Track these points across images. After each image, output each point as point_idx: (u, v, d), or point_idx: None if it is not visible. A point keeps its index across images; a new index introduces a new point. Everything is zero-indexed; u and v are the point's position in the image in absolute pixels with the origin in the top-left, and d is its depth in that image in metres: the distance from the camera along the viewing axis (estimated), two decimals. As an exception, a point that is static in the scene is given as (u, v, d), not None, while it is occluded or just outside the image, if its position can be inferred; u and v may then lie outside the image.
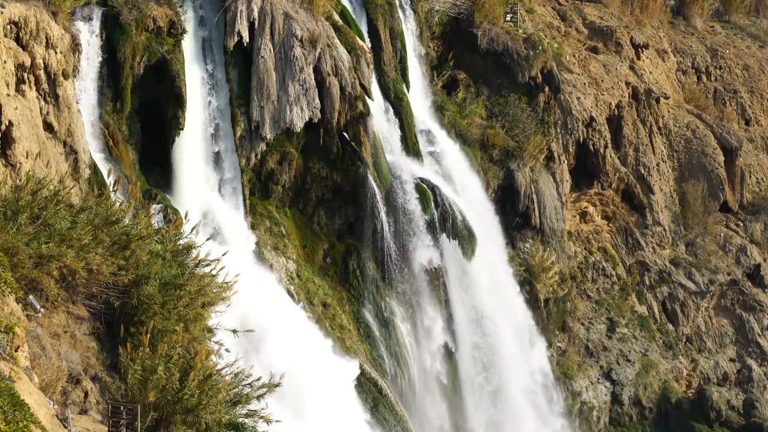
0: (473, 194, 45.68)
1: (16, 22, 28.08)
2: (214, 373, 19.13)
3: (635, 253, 55.94)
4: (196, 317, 20.83)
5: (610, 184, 54.91)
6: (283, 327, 33.34)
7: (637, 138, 56.76)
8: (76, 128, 30.32)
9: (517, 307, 46.30)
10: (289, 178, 39.29)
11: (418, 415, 40.88)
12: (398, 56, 44.62)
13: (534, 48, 49.72)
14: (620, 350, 52.38)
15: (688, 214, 58.40)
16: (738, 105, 66.09)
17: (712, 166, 59.32)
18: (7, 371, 14.94)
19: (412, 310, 41.37)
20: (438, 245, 41.42)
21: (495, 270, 44.91)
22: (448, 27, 49.99)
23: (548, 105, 50.62)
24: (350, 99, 39.23)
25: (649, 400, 52.10)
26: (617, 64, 57.59)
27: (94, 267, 19.81)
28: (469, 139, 47.45)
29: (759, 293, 58.15)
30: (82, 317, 20.15)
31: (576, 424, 49.18)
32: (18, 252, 18.60)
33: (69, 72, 30.32)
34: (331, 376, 34.06)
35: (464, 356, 43.12)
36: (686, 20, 68.80)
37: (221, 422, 18.97)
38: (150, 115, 35.20)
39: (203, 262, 22.22)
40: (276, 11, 38.04)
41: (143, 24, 34.12)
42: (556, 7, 60.64)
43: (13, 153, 26.36)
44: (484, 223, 44.76)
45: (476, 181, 46.59)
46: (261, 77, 37.46)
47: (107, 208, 21.24)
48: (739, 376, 56.20)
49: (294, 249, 38.94)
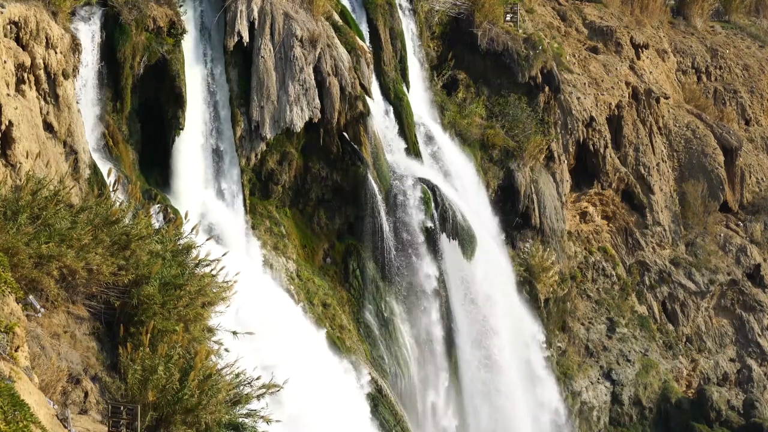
0: (473, 194, 45.68)
1: (16, 22, 28.07)
2: (214, 373, 19.13)
3: (635, 253, 55.95)
4: (196, 317, 20.83)
5: (610, 184, 54.91)
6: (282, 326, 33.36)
7: (637, 138, 56.76)
8: (76, 128, 30.32)
9: (517, 307, 46.31)
10: (289, 178, 39.29)
11: (418, 415, 40.88)
12: (398, 56, 44.62)
13: (534, 48, 49.72)
14: (620, 350, 52.38)
15: (688, 214, 58.40)
16: (738, 105, 66.10)
17: (712, 166, 59.33)
18: (7, 371, 14.94)
19: (412, 310, 41.37)
20: (438, 245, 41.41)
21: (495, 270, 44.89)
22: (448, 27, 50.00)
23: (548, 105, 50.63)
24: (350, 99, 39.23)
25: (649, 400, 52.11)
26: (617, 64, 57.59)
27: (94, 267, 19.81)
28: (469, 139, 47.45)
29: (759, 293, 58.16)
30: (82, 317, 20.15)
31: (576, 424, 49.17)
32: (18, 252, 18.60)
33: (69, 72, 30.31)
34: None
35: (464, 356, 43.11)
36: (686, 20, 68.80)
37: (221, 422, 18.98)
38: (150, 115, 35.20)
39: (203, 262, 22.23)
40: (276, 11, 38.04)
41: (143, 24, 34.12)
42: (556, 7, 60.64)
43: (13, 153, 26.36)
44: (484, 223, 44.76)
45: (476, 181, 46.58)
46: (261, 77, 37.46)
47: (107, 208, 21.24)
48: (739, 376, 56.20)
49: (294, 249, 38.94)
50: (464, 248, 42.28)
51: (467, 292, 43.23)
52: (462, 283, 43.07)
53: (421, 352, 41.49)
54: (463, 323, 43.02)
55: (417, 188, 41.19)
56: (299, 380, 26.71)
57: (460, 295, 42.95)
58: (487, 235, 44.25)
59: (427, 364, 41.84)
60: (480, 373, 43.65)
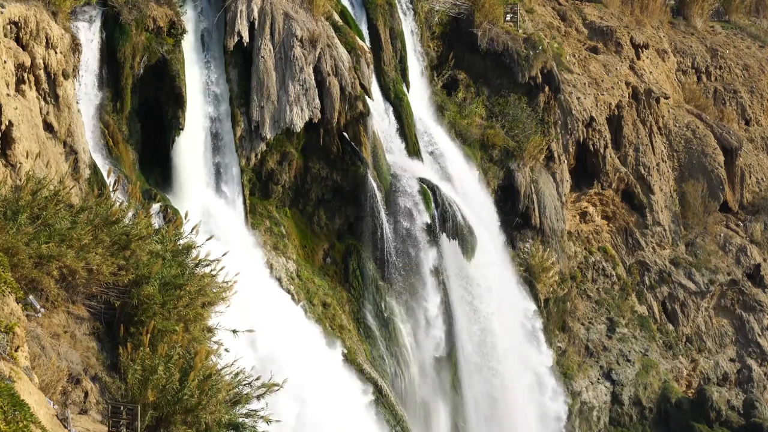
0: (473, 194, 45.66)
1: (16, 22, 28.07)
2: (214, 373, 19.14)
3: (635, 253, 55.95)
4: (196, 317, 20.84)
5: (610, 184, 54.91)
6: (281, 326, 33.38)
7: (637, 138, 56.77)
8: (76, 128, 30.31)
9: (518, 307, 46.31)
10: (289, 178, 39.29)
11: (418, 415, 40.88)
12: (398, 56, 44.61)
13: (534, 48, 49.72)
14: (620, 350, 52.38)
15: (688, 214, 58.40)
16: (738, 105, 66.10)
17: (712, 166, 59.33)
18: (7, 371, 14.93)
19: (412, 310, 41.37)
20: (438, 245, 41.41)
21: (495, 270, 44.88)
22: (448, 27, 49.99)
23: (548, 105, 50.62)
24: (350, 99, 39.23)
25: (649, 400, 52.11)
26: (617, 64, 57.59)
27: (94, 267, 19.81)
28: (469, 139, 47.44)
29: (759, 293, 58.16)
30: (82, 317, 20.15)
31: (576, 424, 49.17)
32: (18, 252, 18.61)
33: (69, 72, 30.31)
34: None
35: (464, 355, 43.10)
36: (686, 20, 68.80)
37: (221, 422, 18.98)
38: (150, 115, 35.19)
39: (203, 262, 22.23)
40: (276, 11, 38.03)
41: (143, 24, 34.11)
42: (556, 7, 60.64)
43: (13, 153, 26.35)
44: (484, 223, 44.74)
45: (476, 181, 46.57)
46: (261, 77, 37.46)
47: (107, 208, 21.24)
48: (739, 376, 56.21)
49: (294, 249, 38.94)
50: (464, 248, 42.28)
51: (467, 291, 43.22)
52: (462, 283, 43.05)
53: (421, 352, 41.49)
54: (464, 323, 43.01)
55: (417, 188, 41.19)
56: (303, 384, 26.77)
57: (460, 294, 42.94)
58: (486, 235, 44.24)
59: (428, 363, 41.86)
60: (480, 372, 43.65)
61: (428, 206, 41.14)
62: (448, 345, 42.58)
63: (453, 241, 41.90)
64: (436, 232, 41.26)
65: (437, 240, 41.32)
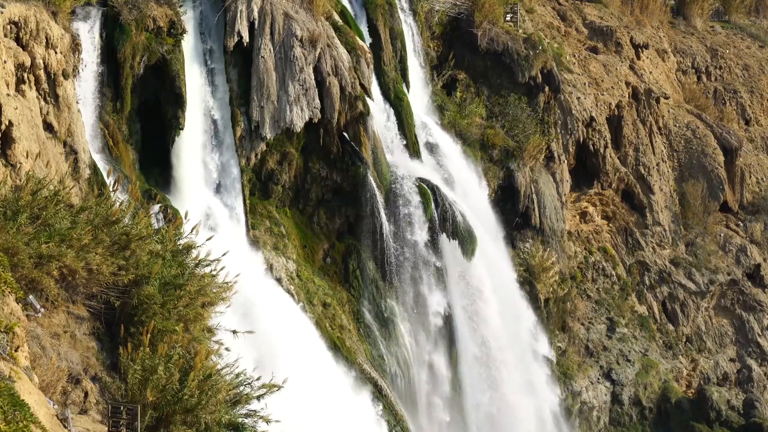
0: (473, 194, 45.65)
1: (16, 22, 28.07)
2: (214, 373, 19.14)
3: (635, 253, 55.94)
4: (196, 317, 20.84)
5: (610, 184, 54.90)
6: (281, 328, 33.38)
7: (637, 138, 56.76)
8: (76, 128, 30.32)
9: (518, 307, 46.30)
10: (289, 178, 39.29)
11: (419, 415, 40.87)
12: (398, 56, 44.62)
13: (534, 48, 49.73)
14: (620, 350, 52.37)
15: (688, 214, 58.39)
16: (738, 105, 66.10)
17: (712, 166, 59.32)
18: (7, 371, 14.93)
19: (412, 310, 41.37)
20: (438, 245, 41.41)
21: (495, 270, 44.88)
22: (448, 27, 50.01)
23: (548, 105, 50.62)
24: (350, 99, 39.23)
25: (649, 400, 52.10)
26: (617, 64, 57.58)
27: (94, 267, 19.81)
28: (469, 139, 47.43)
29: (759, 293, 58.15)
30: (82, 317, 20.16)
31: (576, 424, 49.17)
32: (18, 252, 18.61)
33: (69, 72, 30.32)
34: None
35: (464, 355, 43.10)
36: (686, 20, 68.81)
37: (221, 422, 18.98)
38: (150, 115, 35.20)
39: (203, 262, 22.23)
40: (276, 11, 38.03)
41: (143, 24, 34.11)
42: (556, 7, 60.63)
43: (13, 153, 26.36)
44: (484, 223, 44.74)
45: (476, 181, 46.56)
46: (261, 77, 37.46)
47: (107, 208, 21.25)
48: (739, 376, 56.19)
49: (294, 249, 38.93)
50: (464, 248, 42.27)
51: (467, 291, 43.22)
52: (462, 283, 43.05)
53: (421, 352, 41.49)
54: (464, 323, 43.01)
55: (417, 188, 41.19)
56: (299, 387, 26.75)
57: (460, 294, 42.94)
58: (486, 235, 44.24)
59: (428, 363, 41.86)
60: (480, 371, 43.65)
61: (428, 206, 41.14)
62: (448, 345, 42.58)
63: (453, 241, 41.91)
64: (435, 231, 41.26)
65: (437, 240, 41.31)
